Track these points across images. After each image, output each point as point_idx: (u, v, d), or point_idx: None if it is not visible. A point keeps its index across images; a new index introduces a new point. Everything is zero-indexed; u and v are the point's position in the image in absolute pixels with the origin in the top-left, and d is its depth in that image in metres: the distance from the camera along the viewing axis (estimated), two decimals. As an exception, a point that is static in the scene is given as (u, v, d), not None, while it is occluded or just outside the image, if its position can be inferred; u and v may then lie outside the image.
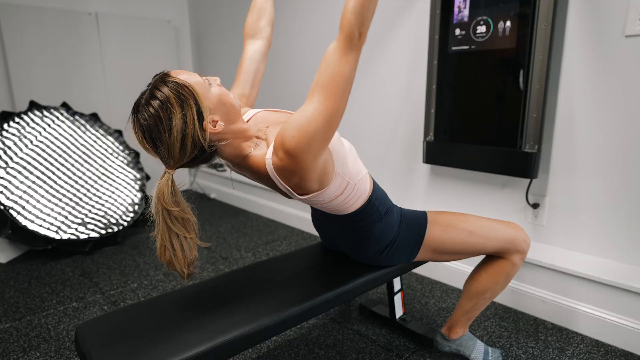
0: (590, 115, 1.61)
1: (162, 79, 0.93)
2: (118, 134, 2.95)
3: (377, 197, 1.20)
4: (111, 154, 2.84)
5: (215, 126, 0.95)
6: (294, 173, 0.95)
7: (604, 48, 1.54)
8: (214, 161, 1.06)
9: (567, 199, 1.72)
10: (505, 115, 1.75)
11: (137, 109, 0.92)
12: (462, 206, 2.05)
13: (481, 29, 1.77)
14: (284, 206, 2.99)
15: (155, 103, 0.89)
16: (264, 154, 1.01)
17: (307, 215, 2.79)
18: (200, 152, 0.95)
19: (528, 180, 1.81)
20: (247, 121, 1.11)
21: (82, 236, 2.41)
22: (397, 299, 1.62)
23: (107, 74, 3.26)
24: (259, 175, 1.03)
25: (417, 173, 2.21)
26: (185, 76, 0.94)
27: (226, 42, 3.41)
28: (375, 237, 1.22)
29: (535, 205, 1.82)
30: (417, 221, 1.25)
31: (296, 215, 2.88)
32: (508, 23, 1.68)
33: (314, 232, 2.76)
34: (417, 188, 2.22)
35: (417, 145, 2.17)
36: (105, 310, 1.84)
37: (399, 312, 1.64)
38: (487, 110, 1.81)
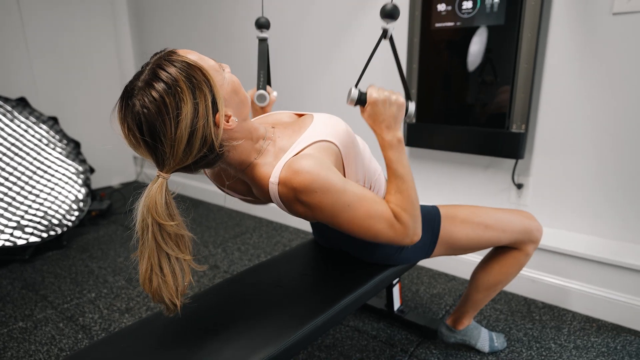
0: (575, 95, 1.61)
1: (167, 56, 0.73)
2: (53, 122, 2.57)
3: None
4: (46, 145, 2.47)
5: (228, 121, 0.78)
6: (295, 210, 0.87)
7: (591, 26, 1.53)
8: (217, 166, 0.88)
9: (551, 178, 1.73)
10: (492, 95, 1.70)
11: (131, 92, 0.71)
12: (444, 189, 2.01)
13: (467, 4, 1.69)
14: (248, 195, 2.80)
15: (160, 86, 0.70)
16: (270, 169, 0.86)
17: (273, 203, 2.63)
18: (208, 152, 0.77)
19: (511, 161, 1.80)
20: None
21: (20, 242, 2.08)
22: (395, 291, 1.55)
23: (33, 51, 2.82)
24: (260, 189, 0.89)
25: (395, 156, 2.13)
26: (196, 57, 0.76)
27: (173, 21, 3.07)
28: None
29: (519, 186, 1.81)
30: (430, 217, 1.17)
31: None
32: (496, -1, 1.62)
33: (283, 221, 2.62)
34: (396, 172, 2.14)
35: (396, 127, 2.08)
36: (60, 328, 1.59)
37: (396, 304, 1.56)
38: (473, 90, 1.75)
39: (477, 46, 1.70)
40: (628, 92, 1.50)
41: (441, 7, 1.76)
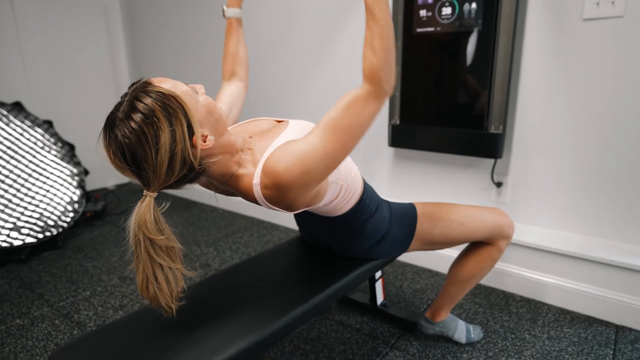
0: (550, 97, 1.68)
1: (143, 88, 0.79)
2: (48, 125, 2.62)
3: (368, 194, 1.17)
4: (42, 148, 2.52)
5: (205, 141, 0.84)
6: (286, 202, 0.90)
7: (563, 31, 1.60)
8: (200, 181, 0.95)
9: (529, 177, 1.80)
10: (471, 97, 1.77)
11: (112, 124, 0.77)
12: (427, 188, 2.08)
13: (446, 10, 1.76)
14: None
15: (138, 117, 0.76)
16: (251, 177, 0.91)
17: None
18: (188, 172, 0.83)
19: (491, 161, 1.87)
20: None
21: (16, 242, 2.13)
22: (378, 286, 1.61)
23: (27, 56, 2.87)
24: (246, 197, 0.95)
25: (381, 156, 2.20)
26: (170, 85, 0.81)
27: (166, 24, 3.13)
28: (367, 234, 1.19)
29: (499, 184, 1.88)
30: (406, 215, 1.24)
31: (253, 204, 2.77)
32: (473, 5, 1.69)
33: (274, 220, 2.68)
34: (382, 171, 2.21)
35: (382, 128, 2.15)
36: (57, 324, 1.65)
37: (379, 298, 1.63)
38: (453, 93, 1.82)
39: (456, 50, 1.77)
40: (599, 93, 1.57)
41: (422, 12, 1.82)
